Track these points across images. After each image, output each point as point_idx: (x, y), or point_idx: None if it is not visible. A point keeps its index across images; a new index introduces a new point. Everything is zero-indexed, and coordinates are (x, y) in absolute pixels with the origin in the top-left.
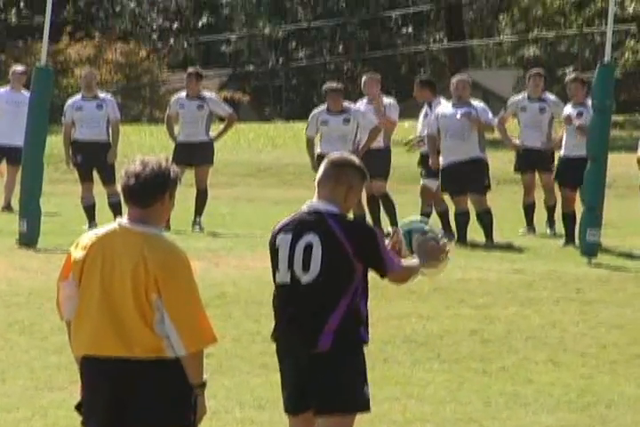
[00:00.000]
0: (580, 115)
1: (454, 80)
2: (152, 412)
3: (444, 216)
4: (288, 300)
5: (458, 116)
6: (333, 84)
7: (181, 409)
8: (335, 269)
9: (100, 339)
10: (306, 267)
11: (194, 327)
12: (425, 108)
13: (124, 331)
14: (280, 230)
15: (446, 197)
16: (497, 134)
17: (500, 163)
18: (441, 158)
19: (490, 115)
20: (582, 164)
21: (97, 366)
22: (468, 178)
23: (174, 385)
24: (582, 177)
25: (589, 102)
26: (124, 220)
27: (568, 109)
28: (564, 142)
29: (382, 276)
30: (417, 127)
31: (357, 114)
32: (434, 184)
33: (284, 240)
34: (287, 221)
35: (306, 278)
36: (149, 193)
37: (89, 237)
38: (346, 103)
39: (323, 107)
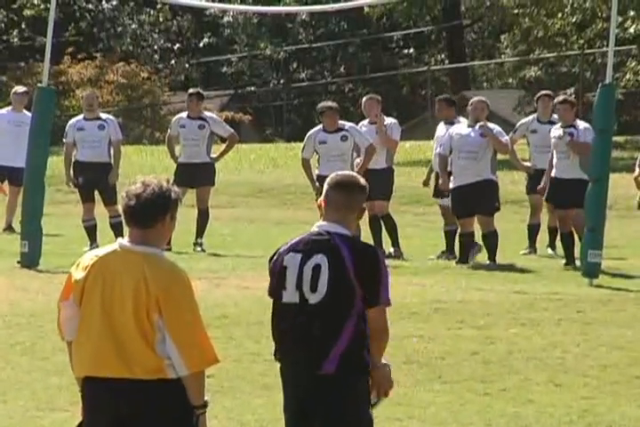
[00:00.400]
0: (570, 135)
1: (472, 101)
2: None
3: (450, 235)
4: (295, 319)
5: (472, 135)
6: (328, 103)
7: None
8: (341, 290)
9: (100, 360)
10: (314, 288)
11: (195, 348)
12: (443, 127)
13: (125, 352)
14: (289, 250)
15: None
16: (505, 155)
17: (502, 184)
18: (452, 178)
19: (505, 137)
20: (574, 185)
21: (98, 387)
22: (478, 199)
23: (176, 406)
24: (575, 198)
25: (579, 123)
26: (124, 241)
27: (558, 131)
28: (554, 164)
29: (370, 305)
30: (433, 146)
31: (353, 131)
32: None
33: (293, 260)
34: (296, 242)
35: (314, 299)
36: (150, 214)
37: (90, 257)
38: (341, 121)
39: (319, 127)
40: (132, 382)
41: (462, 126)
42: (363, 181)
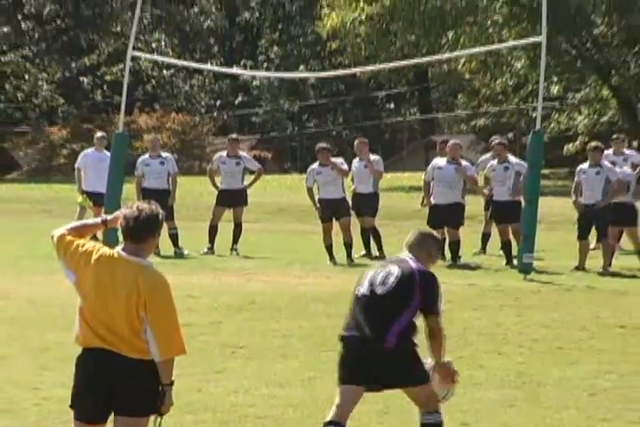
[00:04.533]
0: (507, 169)
1: (450, 143)
2: (134, 400)
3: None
4: (365, 307)
5: (449, 169)
6: (322, 144)
7: (154, 400)
8: (403, 289)
9: (97, 336)
10: (383, 283)
11: (169, 340)
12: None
13: (115, 335)
14: (373, 266)
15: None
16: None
17: (469, 205)
18: (432, 199)
19: (474, 171)
20: (509, 205)
21: (92, 356)
22: (449, 216)
23: (149, 380)
24: (511, 216)
25: (511, 159)
26: (122, 251)
27: (494, 165)
28: (494, 191)
29: (428, 313)
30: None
31: (339, 162)
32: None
33: (374, 268)
34: (382, 261)
35: (380, 290)
36: (143, 233)
37: (101, 249)
38: (332, 158)
39: (316, 162)
40: (119, 356)
41: (443, 161)
42: (438, 236)
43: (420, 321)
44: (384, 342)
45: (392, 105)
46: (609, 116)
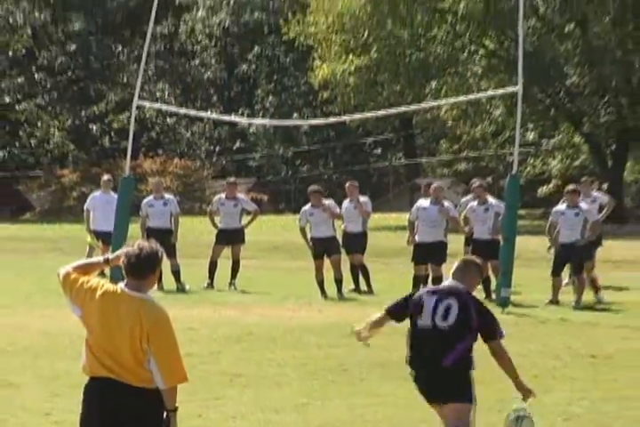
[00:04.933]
0: (487, 210)
1: (433, 186)
2: (140, 425)
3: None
4: (428, 339)
5: (433, 210)
6: (315, 187)
7: (160, 425)
8: (463, 323)
9: (103, 366)
10: (445, 318)
11: (172, 369)
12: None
13: (120, 366)
14: (426, 293)
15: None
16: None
17: (451, 243)
18: (417, 237)
19: (456, 211)
20: (488, 243)
21: (98, 386)
22: (433, 254)
23: (154, 407)
24: (491, 253)
25: (491, 200)
26: (125, 287)
27: (475, 206)
28: (474, 229)
29: (488, 339)
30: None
31: (332, 205)
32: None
33: (430, 300)
34: (432, 289)
35: (442, 325)
36: (145, 270)
37: (105, 286)
38: (324, 199)
39: (308, 204)
40: (125, 385)
41: (427, 202)
42: (479, 262)
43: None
44: (442, 363)
45: (379, 150)
46: (581, 160)
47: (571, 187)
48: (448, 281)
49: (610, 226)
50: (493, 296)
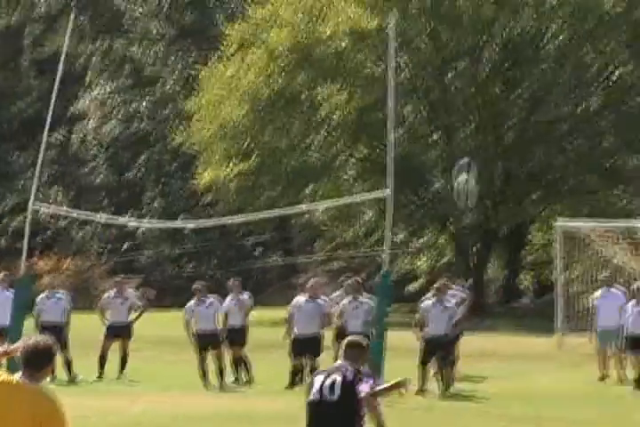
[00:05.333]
0: (357, 307)
1: (309, 283)
2: None
3: None
4: (319, 412)
5: (311, 306)
6: (199, 284)
7: None
8: (349, 394)
9: None
10: (331, 392)
11: None
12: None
13: None
14: (315, 373)
15: None
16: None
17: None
18: (294, 330)
19: (329, 307)
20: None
21: None
22: (309, 346)
23: None
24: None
25: (363, 296)
26: (20, 377)
27: (346, 304)
28: (348, 324)
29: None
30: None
31: (215, 301)
32: None
33: (319, 377)
34: (320, 370)
35: (331, 398)
36: (40, 362)
37: (2, 376)
38: (208, 295)
39: (193, 300)
40: None
41: (303, 298)
42: (363, 342)
43: None
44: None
45: (260, 249)
46: (448, 258)
47: (437, 284)
48: (337, 362)
49: (471, 320)
50: None
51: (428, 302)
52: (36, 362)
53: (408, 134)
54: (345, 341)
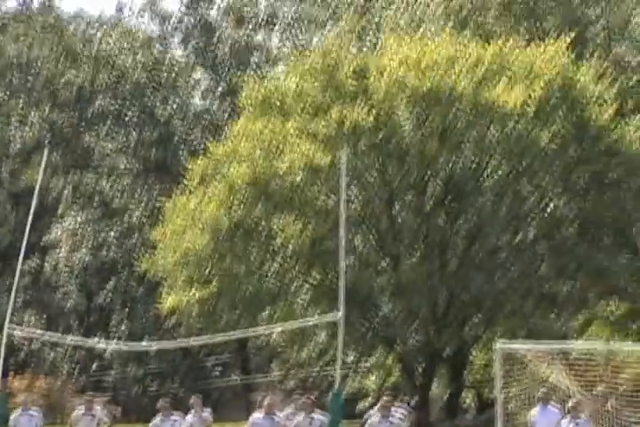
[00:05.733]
0: (310, 423)
1: (266, 401)
2: None
3: None
4: None
5: (268, 423)
6: (163, 402)
7: None
8: None
9: None
10: None
11: None
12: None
13: None
14: None
15: None
16: None
17: None
18: None
19: (287, 423)
20: None
21: None
22: None
23: None
24: None
25: (316, 412)
26: None
27: (300, 420)
28: None
29: None
30: None
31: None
32: None
33: None
34: None
35: None
36: None
37: None
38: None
39: (159, 416)
40: None
41: (261, 414)
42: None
43: None
44: None
45: (219, 369)
46: (395, 377)
47: (382, 402)
48: None
49: None
50: None
51: (374, 418)
52: None
53: (358, 262)
54: None
